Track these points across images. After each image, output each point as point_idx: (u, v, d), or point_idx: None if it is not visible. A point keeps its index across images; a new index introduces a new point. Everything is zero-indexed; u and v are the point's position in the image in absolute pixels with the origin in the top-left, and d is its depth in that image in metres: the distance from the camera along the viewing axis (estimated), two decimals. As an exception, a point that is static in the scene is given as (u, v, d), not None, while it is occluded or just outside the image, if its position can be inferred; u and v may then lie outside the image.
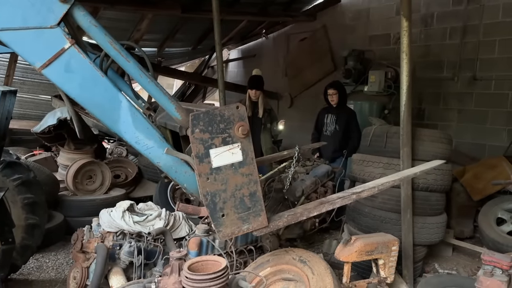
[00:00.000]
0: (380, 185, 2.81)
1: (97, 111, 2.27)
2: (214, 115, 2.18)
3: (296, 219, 2.55)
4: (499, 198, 5.04)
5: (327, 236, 5.49)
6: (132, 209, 3.39)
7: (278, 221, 2.47)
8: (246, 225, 2.33)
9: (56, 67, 2.13)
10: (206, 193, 2.21)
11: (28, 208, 3.79)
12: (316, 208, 2.57)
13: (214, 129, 2.19)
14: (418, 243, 4.00)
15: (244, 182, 2.28)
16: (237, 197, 2.28)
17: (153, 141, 2.33)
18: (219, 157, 2.21)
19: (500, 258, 2.55)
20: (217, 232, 2.29)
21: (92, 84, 2.21)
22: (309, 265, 2.68)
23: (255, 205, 2.33)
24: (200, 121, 2.16)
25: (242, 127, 2.20)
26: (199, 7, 7.27)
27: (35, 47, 2.11)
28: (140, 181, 6.36)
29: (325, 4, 8.95)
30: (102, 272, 2.86)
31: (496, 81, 6.38)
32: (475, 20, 6.51)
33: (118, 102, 2.26)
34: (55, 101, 7.05)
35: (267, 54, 10.57)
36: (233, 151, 2.23)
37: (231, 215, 2.28)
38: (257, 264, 2.93)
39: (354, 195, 2.68)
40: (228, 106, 2.25)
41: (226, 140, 2.22)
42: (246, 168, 2.28)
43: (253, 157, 2.31)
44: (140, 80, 2.27)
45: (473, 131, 6.68)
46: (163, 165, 2.37)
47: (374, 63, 7.07)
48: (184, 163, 2.35)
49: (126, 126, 2.28)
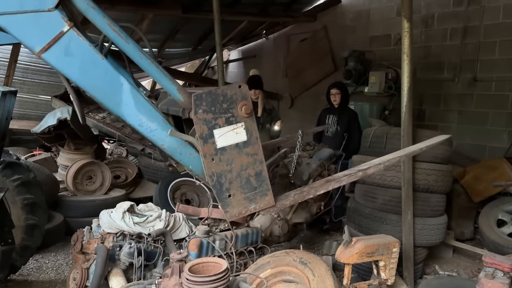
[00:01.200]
0: (386, 161, 2.81)
1: (98, 94, 2.25)
2: (217, 95, 2.17)
3: (303, 198, 2.54)
4: (500, 200, 5.03)
5: (327, 238, 5.49)
6: (132, 210, 3.38)
7: (285, 200, 2.46)
8: (253, 205, 2.33)
9: (56, 51, 2.11)
10: (211, 174, 2.21)
11: (27, 208, 3.78)
12: (323, 186, 2.57)
13: (217, 109, 2.18)
14: (419, 244, 3.99)
15: (250, 162, 2.27)
16: (243, 177, 2.27)
17: (156, 124, 2.30)
18: (223, 137, 2.20)
19: (501, 260, 2.54)
20: (224, 212, 2.29)
21: (92, 67, 2.19)
22: (310, 267, 2.67)
23: (261, 184, 2.32)
24: (202, 101, 2.15)
25: (245, 106, 2.19)
26: (200, 7, 7.26)
27: (33, 31, 2.09)
28: (140, 181, 6.35)
29: (326, 4, 8.95)
30: (102, 273, 2.85)
31: (496, 82, 6.37)
32: (475, 21, 6.51)
33: (119, 85, 2.24)
34: (55, 101, 7.03)
35: (267, 55, 10.57)
36: (237, 130, 2.23)
37: (238, 195, 2.28)
38: (258, 265, 2.92)
39: (360, 172, 2.68)
40: (230, 86, 2.24)
41: (230, 120, 2.21)
42: (251, 148, 2.27)
43: (258, 136, 2.30)
44: (140, 62, 2.25)
45: (474, 132, 6.68)
46: (168, 147, 2.35)
47: (374, 64, 7.06)
48: (188, 145, 2.33)
49: (128, 109, 2.26)
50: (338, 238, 5.42)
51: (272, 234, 3.99)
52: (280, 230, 4.01)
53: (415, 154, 3.33)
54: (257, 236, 3.55)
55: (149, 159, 6.44)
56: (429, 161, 3.98)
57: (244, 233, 3.43)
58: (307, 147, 5.18)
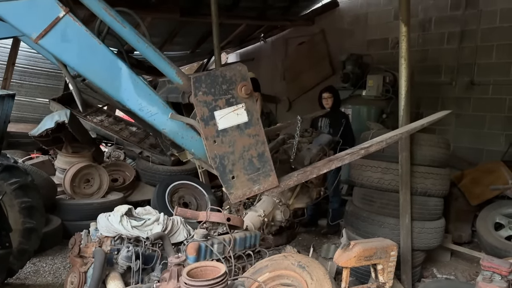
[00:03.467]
0: (388, 138, 2.83)
1: (98, 79, 2.25)
2: (216, 76, 2.17)
3: (306, 177, 2.55)
4: (497, 203, 5.05)
5: (325, 241, 5.48)
6: (130, 213, 3.37)
7: (288, 181, 2.46)
8: (257, 186, 2.33)
9: (53, 37, 2.11)
10: (214, 156, 2.21)
11: (25, 212, 3.77)
12: (325, 166, 2.58)
13: (217, 90, 2.18)
14: (417, 248, 4.00)
15: (252, 143, 2.28)
16: (245, 159, 2.27)
17: (156, 107, 2.30)
18: (224, 119, 2.20)
19: (499, 264, 2.54)
20: (228, 194, 2.30)
21: (90, 52, 2.19)
22: (308, 271, 2.66)
23: (264, 165, 2.32)
24: (202, 83, 2.15)
25: (245, 87, 2.19)
26: (198, 10, 7.28)
27: (29, 18, 2.09)
28: (138, 185, 6.34)
29: (323, 8, 8.98)
30: (99, 277, 2.83)
31: (493, 86, 6.40)
32: (472, 25, 6.54)
33: (118, 69, 2.23)
34: (53, 104, 7.03)
35: (265, 58, 10.58)
36: (238, 112, 2.23)
37: (241, 176, 2.28)
38: (256, 269, 2.91)
39: (363, 150, 2.68)
40: (229, 67, 2.24)
41: (230, 101, 2.21)
42: (253, 129, 2.28)
43: (259, 117, 2.30)
44: (137, 45, 2.24)
45: (471, 136, 6.70)
46: (169, 131, 2.34)
47: (372, 67, 7.09)
48: (190, 129, 2.33)
49: (128, 94, 2.26)
50: (336, 241, 5.42)
51: (274, 219, 4.07)
52: (282, 215, 4.09)
53: (416, 130, 3.30)
54: (256, 239, 3.54)
55: (147, 162, 6.44)
56: (427, 164, 3.99)
57: (242, 237, 3.42)
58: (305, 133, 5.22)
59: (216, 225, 3.37)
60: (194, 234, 3.24)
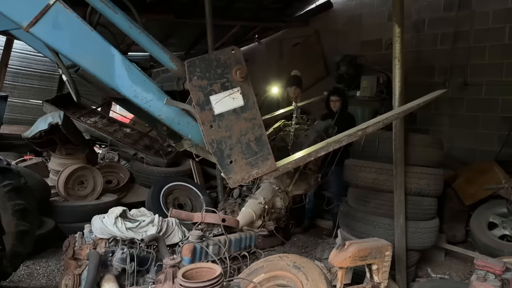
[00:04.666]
0: (384, 119, 2.86)
1: (91, 67, 2.22)
2: (210, 60, 2.16)
3: (305, 160, 2.55)
4: (491, 203, 5.08)
5: (320, 241, 5.49)
6: (124, 215, 3.36)
7: (287, 164, 2.45)
8: (256, 169, 2.32)
9: (44, 25, 2.09)
10: (211, 141, 2.20)
11: (18, 214, 3.74)
12: (324, 148, 2.58)
13: (212, 75, 2.16)
14: (411, 247, 4.01)
15: (248, 127, 2.26)
16: (243, 143, 2.26)
17: (151, 94, 2.28)
18: (220, 103, 2.19)
19: (493, 263, 2.56)
20: (227, 179, 2.28)
21: (82, 39, 2.17)
22: (304, 271, 2.67)
23: (262, 149, 2.31)
24: (196, 67, 2.13)
25: (240, 70, 2.18)
26: (192, 12, 7.27)
27: (19, 6, 2.07)
28: (132, 186, 6.32)
29: (318, 9, 9.00)
30: (94, 279, 2.82)
31: (486, 86, 6.45)
32: (465, 26, 6.58)
33: (111, 56, 2.22)
34: (46, 106, 6.99)
35: (260, 59, 10.57)
36: (233, 96, 2.22)
37: (239, 161, 2.27)
38: (251, 270, 2.91)
39: (360, 132, 2.70)
40: (223, 50, 2.22)
41: (225, 85, 2.19)
42: (249, 113, 2.26)
43: (255, 101, 2.29)
44: (130, 31, 2.23)
45: (465, 136, 6.74)
46: (165, 117, 2.32)
47: (366, 68, 7.10)
48: (186, 114, 2.32)
49: (122, 80, 2.24)
50: (331, 242, 5.43)
51: (274, 206, 4.12)
52: (282, 202, 4.16)
53: (412, 110, 3.30)
54: (251, 240, 3.55)
55: (141, 163, 6.42)
56: (421, 164, 4.01)
57: (237, 238, 3.43)
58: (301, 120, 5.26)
59: (211, 226, 3.37)
60: (189, 236, 3.24)
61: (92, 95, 8.76)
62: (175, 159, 6.67)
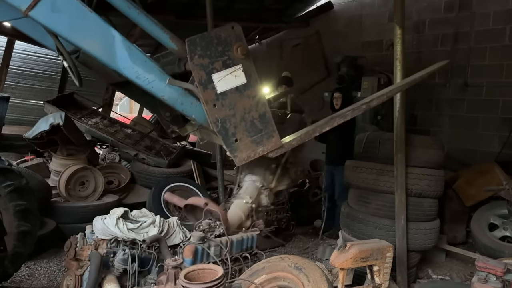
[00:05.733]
0: (388, 92, 2.84)
1: (92, 49, 2.20)
2: (210, 38, 2.14)
3: (309, 136, 2.53)
4: (491, 204, 5.08)
5: (321, 242, 5.49)
6: (126, 216, 3.36)
7: (292, 140, 2.45)
8: (261, 147, 2.31)
9: (43, 8, 2.08)
10: (215, 120, 2.19)
11: (20, 215, 3.74)
12: (328, 123, 2.56)
13: (213, 53, 2.15)
14: (412, 249, 4.02)
15: (252, 104, 2.25)
16: (247, 121, 2.25)
17: (153, 75, 2.26)
18: (223, 82, 2.18)
19: (494, 265, 2.57)
20: (233, 158, 2.27)
21: (82, 21, 2.15)
22: (305, 272, 2.67)
23: (266, 126, 2.31)
24: (197, 46, 2.12)
25: (241, 47, 2.16)
26: (193, 13, 7.28)
27: None
28: (133, 187, 6.32)
29: (318, 10, 9.01)
30: (95, 280, 2.82)
31: (487, 87, 6.45)
32: (466, 27, 6.59)
33: (112, 37, 2.20)
34: (47, 106, 7.00)
35: (260, 60, 10.57)
36: (235, 73, 2.20)
37: (244, 139, 2.26)
38: (252, 271, 2.92)
39: (364, 105, 2.68)
40: (223, 27, 2.20)
41: (227, 63, 2.18)
42: (252, 90, 2.25)
43: (257, 78, 2.27)
44: (128, 12, 2.21)
45: (465, 137, 6.74)
46: (168, 98, 2.30)
47: (366, 69, 7.11)
48: (189, 94, 2.30)
49: (123, 62, 2.22)
50: (332, 243, 5.43)
51: (260, 204, 4.07)
52: (267, 199, 4.11)
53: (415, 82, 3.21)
54: (252, 241, 3.54)
55: (142, 164, 6.43)
56: (422, 166, 4.01)
57: (239, 239, 3.42)
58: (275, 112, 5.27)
59: (213, 227, 3.36)
60: (190, 237, 3.24)
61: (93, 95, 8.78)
62: (176, 160, 6.68)
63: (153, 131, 7.94)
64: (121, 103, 18.88)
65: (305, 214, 6.24)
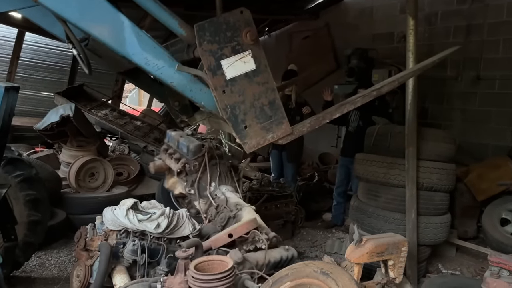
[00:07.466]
0: (400, 77, 2.84)
1: (101, 34, 2.21)
2: (219, 23, 2.14)
3: (319, 123, 2.51)
4: (503, 199, 5.01)
5: (330, 236, 5.48)
6: (136, 207, 3.36)
7: (302, 127, 2.43)
8: (271, 134, 2.30)
9: None
10: (225, 107, 2.18)
11: (30, 205, 3.77)
12: (338, 110, 2.54)
13: (222, 38, 2.14)
14: (422, 243, 3.99)
15: (261, 91, 2.24)
16: (257, 107, 2.24)
17: (162, 61, 2.26)
18: (232, 68, 2.16)
19: (507, 260, 2.53)
20: (243, 145, 2.25)
21: (91, 7, 2.15)
22: (333, 277, 2.53)
23: (276, 113, 2.29)
24: (205, 31, 2.11)
25: (250, 32, 2.16)
26: (202, 4, 7.24)
27: None
28: (143, 179, 6.35)
29: (328, 2, 8.90)
30: (105, 271, 2.83)
31: (500, 80, 6.34)
32: (479, 19, 6.46)
33: (120, 23, 2.20)
34: (57, 98, 7.04)
35: (269, 52, 10.41)
36: (244, 59, 2.19)
37: (254, 126, 2.25)
38: (275, 279, 2.74)
39: (375, 92, 2.66)
40: (232, 12, 2.20)
41: (236, 49, 2.17)
42: (261, 77, 2.24)
43: (266, 64, 2.26)
44: None
45: (477, 131, 6.64)
46: (177, 84, 2.30)
47: (377, 61, 7.03)
48: (198, 81, 2.29)
49: (132, 48, 2.22)
50: (341, 236, 5.41)
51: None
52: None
53: (428, 67, 3.18)
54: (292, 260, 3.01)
55: (151, 156, 6.43)
56: (433, 159, 3.97)
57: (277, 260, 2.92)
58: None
59: (251, 243, 3.01)
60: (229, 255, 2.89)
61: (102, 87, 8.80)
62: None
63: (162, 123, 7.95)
64: (130, 95, 18.94)
65: (313, 208, 6.23)
